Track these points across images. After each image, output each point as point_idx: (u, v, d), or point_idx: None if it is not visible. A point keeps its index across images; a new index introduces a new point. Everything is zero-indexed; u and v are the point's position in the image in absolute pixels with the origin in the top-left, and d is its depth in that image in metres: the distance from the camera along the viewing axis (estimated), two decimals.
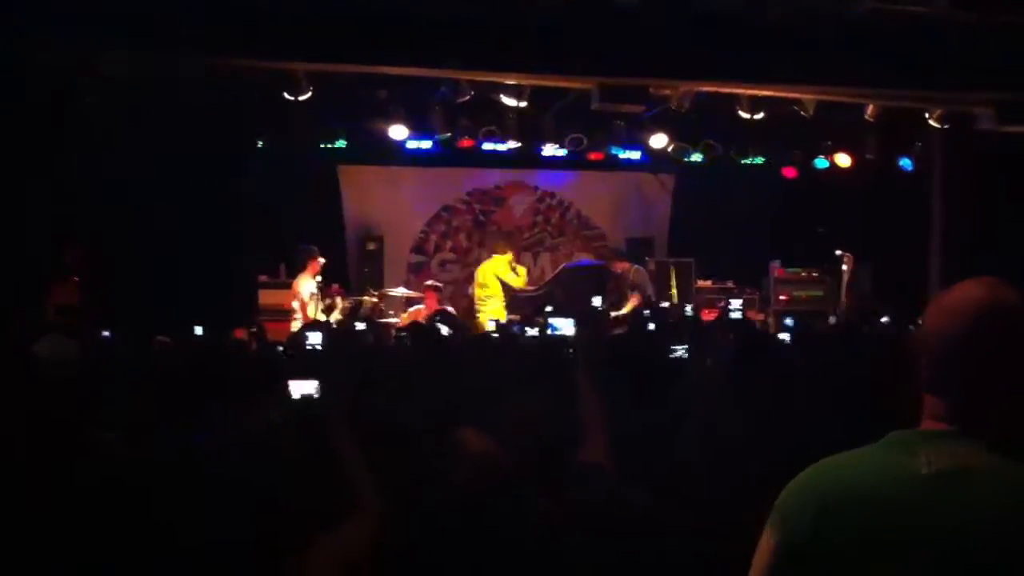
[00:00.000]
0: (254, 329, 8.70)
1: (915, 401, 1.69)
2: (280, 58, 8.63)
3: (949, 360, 1.65)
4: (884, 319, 9.15)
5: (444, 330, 6.63)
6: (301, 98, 9.27)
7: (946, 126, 10.42)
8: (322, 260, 10.36)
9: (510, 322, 9.64)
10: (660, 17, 8.49)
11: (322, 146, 11.63)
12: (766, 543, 1.66)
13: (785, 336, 7.05)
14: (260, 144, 11.42)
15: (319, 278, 10.30)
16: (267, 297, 11.23)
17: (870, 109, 10.34)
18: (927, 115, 10.43)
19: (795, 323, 7.67)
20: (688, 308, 9.60)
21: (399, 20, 8.20)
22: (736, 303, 10.33)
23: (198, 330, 7.76)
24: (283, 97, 9.31)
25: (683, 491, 2.27)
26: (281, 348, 6.78)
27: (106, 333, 7.69)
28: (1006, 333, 1.64)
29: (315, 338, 6.33)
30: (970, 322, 1.64)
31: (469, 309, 11.59)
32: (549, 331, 7.31)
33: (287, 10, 8.06)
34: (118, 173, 9.91)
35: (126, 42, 7.94)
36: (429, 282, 11.68)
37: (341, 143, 11.63)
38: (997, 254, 8.39)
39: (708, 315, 10.25)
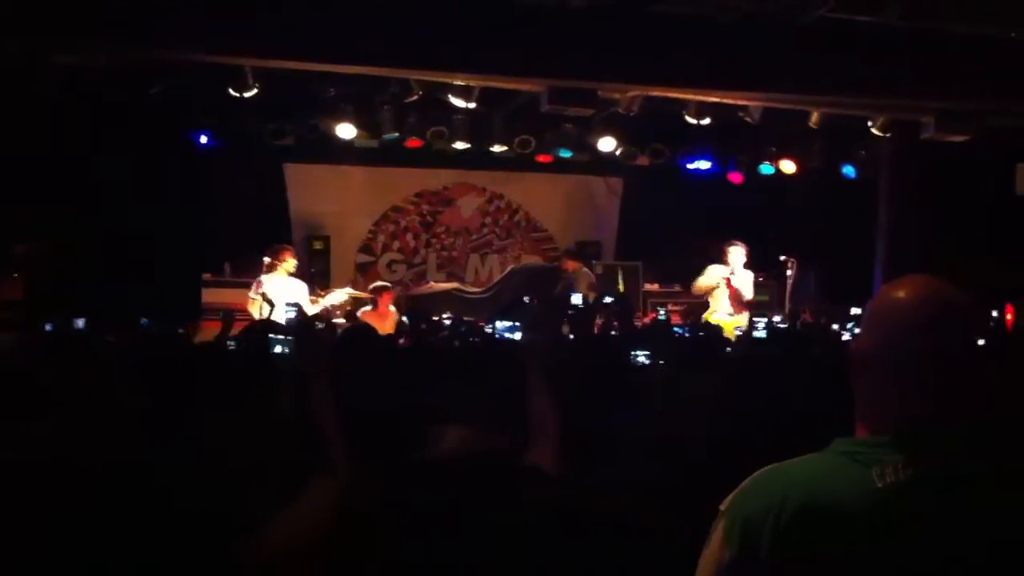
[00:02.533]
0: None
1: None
2: (227, 54, 8.51)
3: (896, 366, 1.61)
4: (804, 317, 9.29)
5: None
6: (247, 95, 9.16)
7: (888, 135, 10.60)
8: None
9: (457, 323, 9.57)
10: (610, 21, 8.53)
11: (268, 144, 11.50)
12: (719, 553, 1.58)
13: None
14: (205, 141, 11.26)
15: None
16: (211, 296, 11.06)
17: (814, 116, 10.47)
18: (870, 123, 10.59)
19: (766, 326, 7.83)
20: (662, 312, 9.64)
21: (348, 18, 8.13)
22: None
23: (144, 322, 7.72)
24: (229, 93, 9.20)
25: (646, 491, 2.26)
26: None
27: (48, 327, 7.64)
28: (956, 334, 1.60)
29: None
30: (920, 326, 1.60)
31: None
32: (496, 335, 7.28)
33: (235, 4, 7.95)
34: (63, 168, 9.75)
35: (74, 34, 7.80)
36: (380, 283, 11.37)
37: (288, 141, 11.52)
38: (941, 261, 8.54)
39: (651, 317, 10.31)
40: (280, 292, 9.40)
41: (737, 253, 10.03)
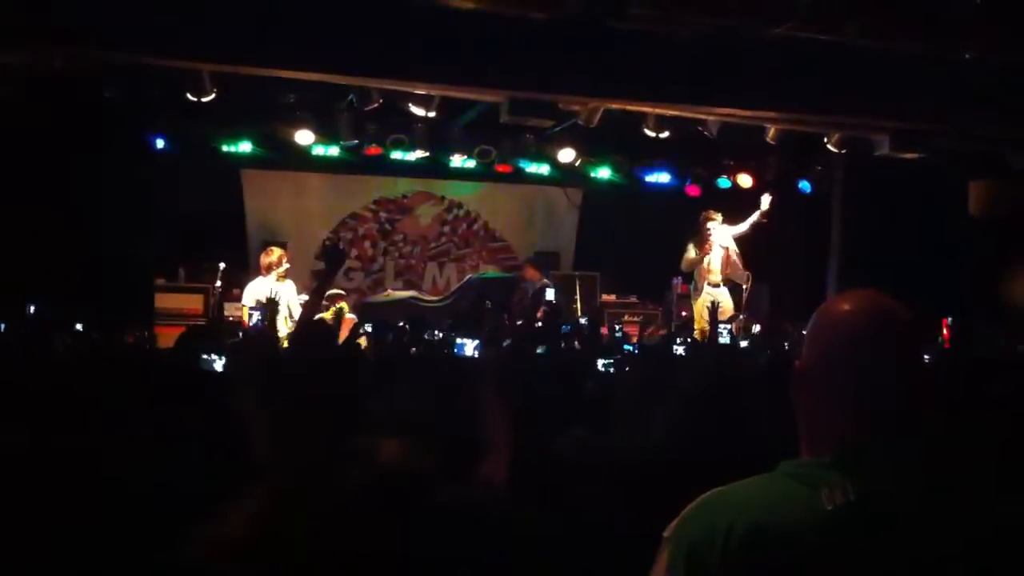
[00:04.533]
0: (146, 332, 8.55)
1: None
2: (186, 58, 8.42)
3: (839, 382, 1.58)
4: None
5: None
6: (205, 99, 9.06)
7: (843, 151, 10.72)
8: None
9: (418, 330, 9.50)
10: (571, 33, 8.55)
11: (226, 149, 11.39)
12: None
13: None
14: (161, 145, 11.14)
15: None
16: (164, 301, 10.94)
17: (771, 131, 10.57)
18: (825, 139, 10.71)
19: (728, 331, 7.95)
20: (618, 327, 9.77)
21: (309, 24, 8.09)
22: None
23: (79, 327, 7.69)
24: (187, 98, 9.09)
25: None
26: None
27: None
28: (899, 350, 1.59)
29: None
30: (863, 341, 1.57)
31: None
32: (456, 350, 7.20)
33: (193, 8, 7.87)
34: (15, 169, 9.59)
35: (26, 35, 7.69)
36: (333, 291, 11.32)
37: (246, 146, 11.42)
38: (893, 276, 8.66)
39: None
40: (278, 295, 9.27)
41: (716, 227, 10.49)
